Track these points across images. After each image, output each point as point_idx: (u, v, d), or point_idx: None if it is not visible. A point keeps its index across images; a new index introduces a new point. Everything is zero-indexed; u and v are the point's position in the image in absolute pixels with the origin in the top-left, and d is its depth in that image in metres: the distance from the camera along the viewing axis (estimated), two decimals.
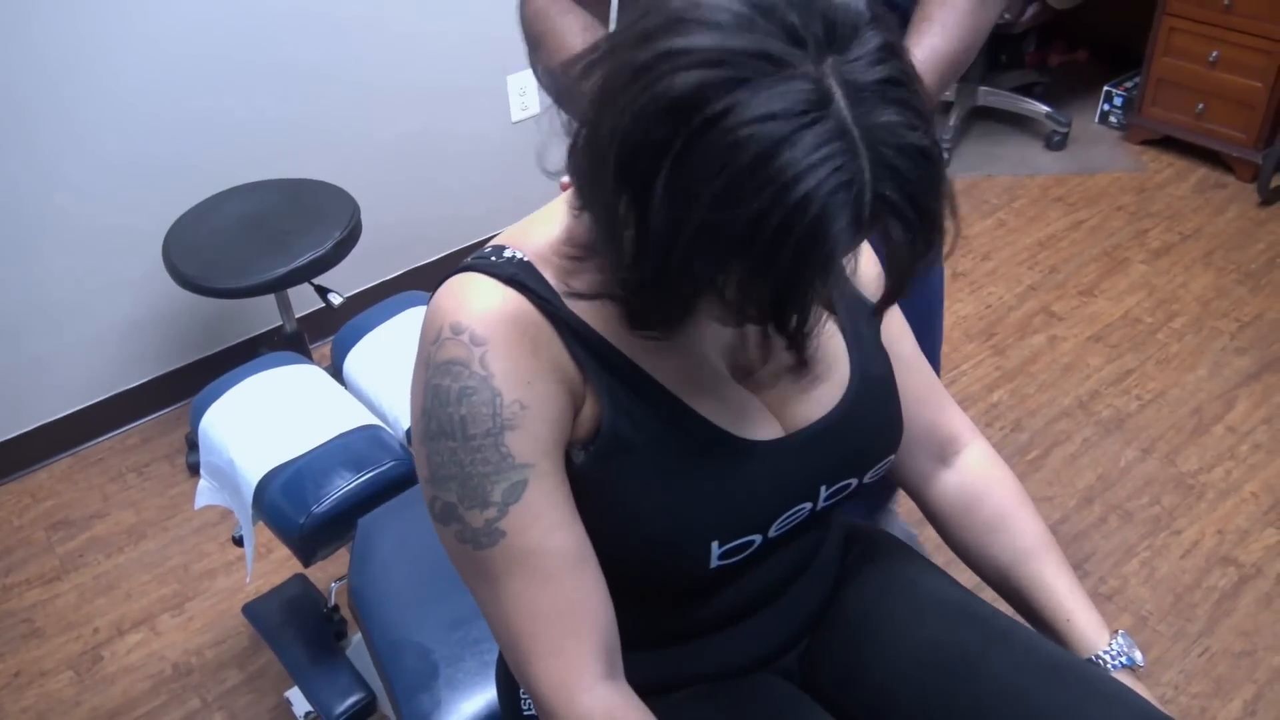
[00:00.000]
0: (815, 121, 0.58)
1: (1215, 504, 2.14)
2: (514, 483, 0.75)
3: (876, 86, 0.61)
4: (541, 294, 0.76)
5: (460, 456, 0.75)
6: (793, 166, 0.58)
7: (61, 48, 2.09)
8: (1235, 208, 3.05)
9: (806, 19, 0.60)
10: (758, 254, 0.60)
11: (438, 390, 0.75)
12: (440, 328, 0.76)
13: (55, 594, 2.14)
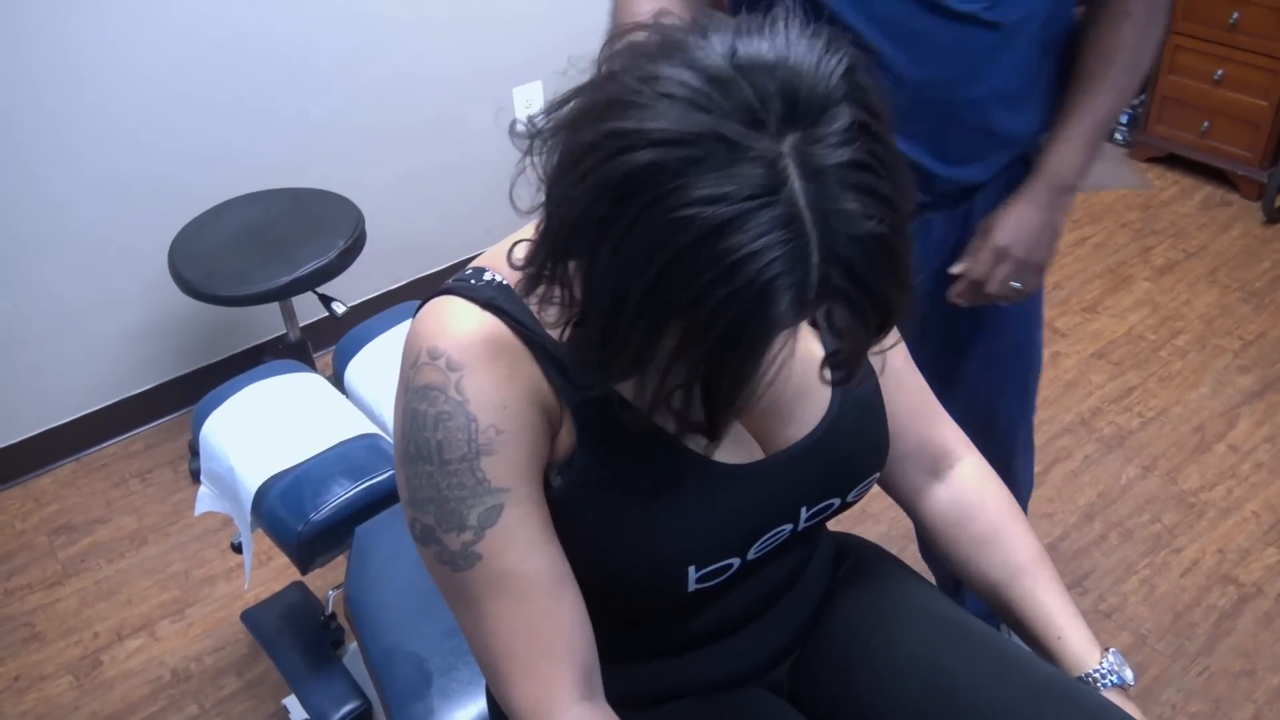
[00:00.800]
0: (765, 206, 0.57)
1: (1216, 522, 2.14)
2: (489, 507, 0.75)
3: (839, 170, 0.58)
4: (519, 318, 0.77)
5: (437, 480, 0.75)
6: (736, 251, 0.56)
7: (68, 58, 2.11)
8: (1240, 226, 3.05)
9: (766, 95, 0.58)
10: (696, 330, 0.60)
11: (415, 414, 0.76)
12: (418, 352, 0.76)
13: (56, 598, 2.15)
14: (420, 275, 2.84)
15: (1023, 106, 1.19)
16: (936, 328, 1.37)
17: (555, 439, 0.79)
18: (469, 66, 2.65)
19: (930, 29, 1.09)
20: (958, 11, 1.07)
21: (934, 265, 1.30)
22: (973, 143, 1.19)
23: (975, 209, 1.25)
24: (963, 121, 1.16)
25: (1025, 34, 1.12)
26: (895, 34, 1.09)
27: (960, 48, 1.10)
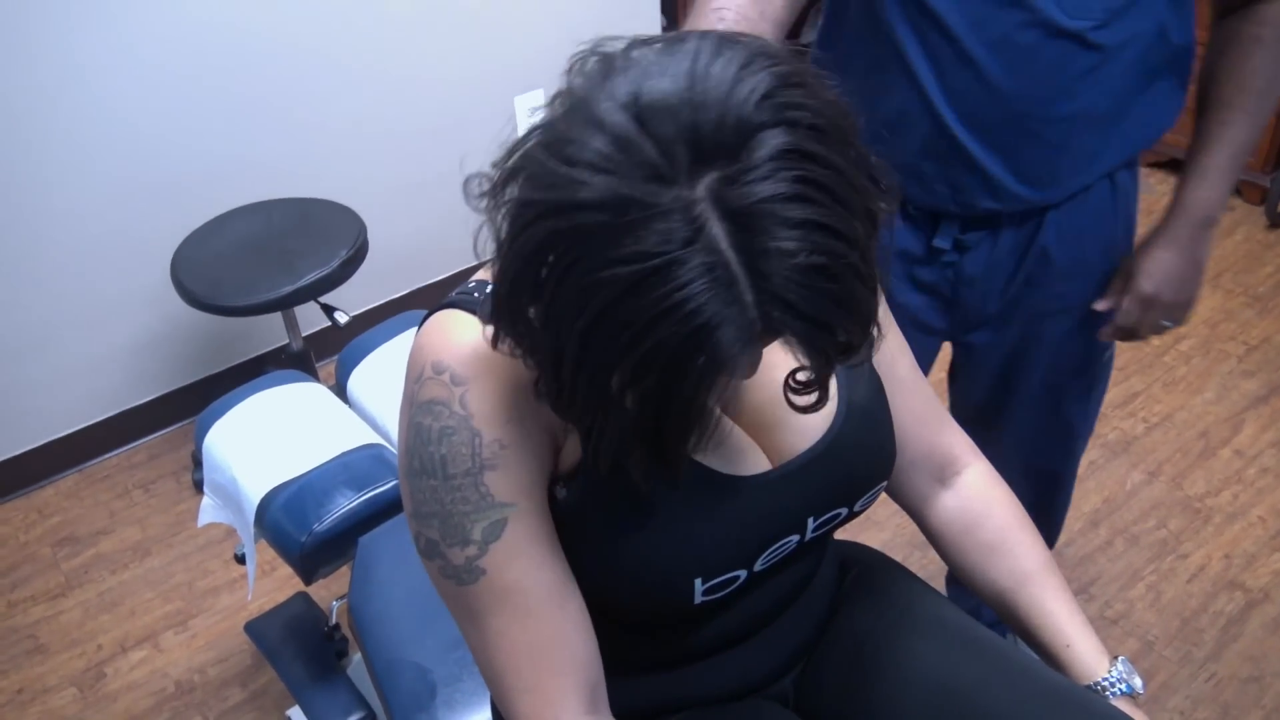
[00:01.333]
0: (684, 257, 0.55)
1: (1222, 528, 2.13)
2: (493, 521, 0.75)
3: (766, 205, 0.56)
4: None
5: (441, 495, 0.75)
6: (658, 305, 0.56)
7: (69, 68, 2.11)
8: (1243, 230, 3.04)
9: (669, 145, 0.56)
10: (633, 383, 0.60)
11: (419, 429, 0.76)
12: (423, 366, 0.76)
13: (59, 610, 2.15)
14: (422, 285, 2.84)
15: (1110, 129, 1.17)
16: (997, 349, 1.37)
17: (560, 452, 0.79)
18: (471, 76, 2.65)
19: (1033, 42, 1.07)
20: (1065, 28, 1.06)
21: (999, 283, 1.28)
22: (1052, 162, 1.17)
23: (1047, 227, 1.23)
24: (1047, 139, 1.14)
25: (1125, 57, 1.11)
26: (996, 43, 1.08)
27: (1059, 64, 1.09)
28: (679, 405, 0.61)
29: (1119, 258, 1.31)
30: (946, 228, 1.25)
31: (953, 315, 1.34)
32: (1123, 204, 1.27)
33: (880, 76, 1.17)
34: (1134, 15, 1.08)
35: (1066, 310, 1.31)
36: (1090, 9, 1.06)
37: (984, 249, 1.25)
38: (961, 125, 1.14)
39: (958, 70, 1.11)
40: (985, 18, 1.07)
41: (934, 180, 1.20)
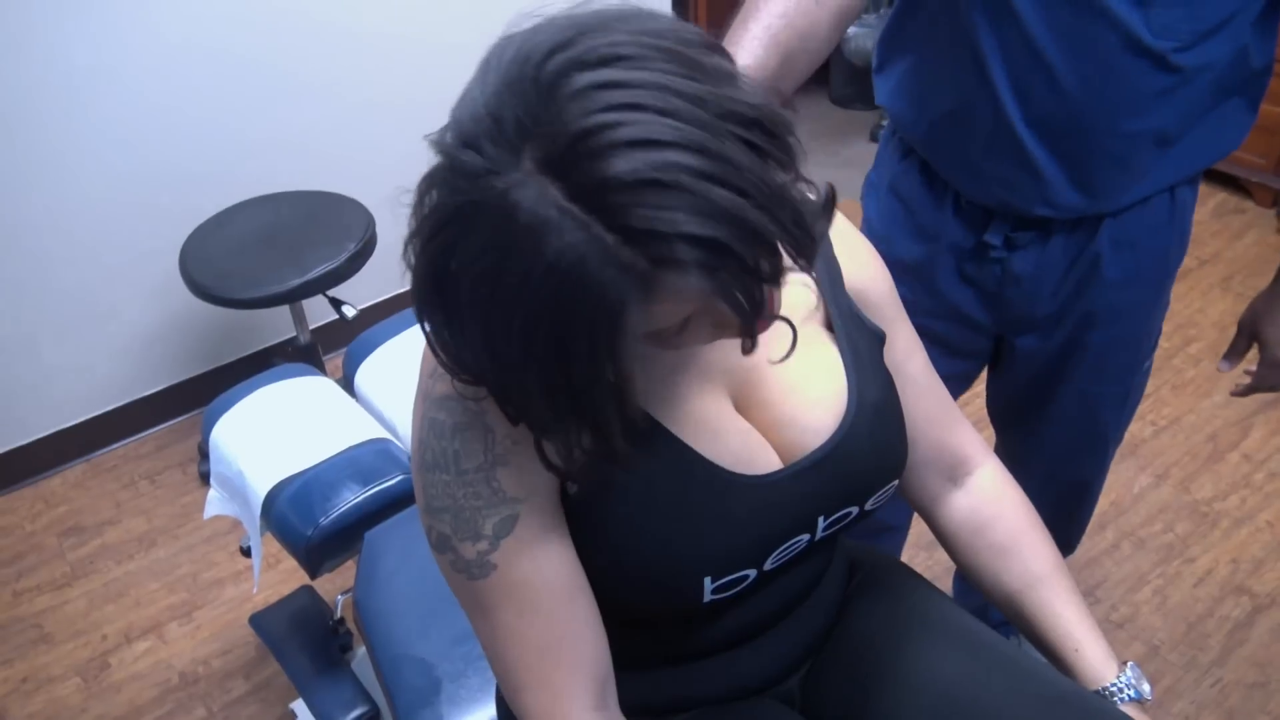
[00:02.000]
0: (537, 232, 0.56)
1: (1229, 532, 2.12)
2: (505, 517, 0.75)
3: (581, 145, 0.55)
4: None
5: (453, 489, 0.75)
6: (532, 274, 0.57)
7: (79, 62, 2.11)
8: (1254, 233, 3.03)
9: (479, 142, 0.59)
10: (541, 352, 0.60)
11: (433, 423, 0.76)
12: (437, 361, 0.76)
13: (65, 600, 2.15)
14: None
15: (1173, 149, 1.16)
16: (1039, 352, 1.36)
17: None
18: None
19: (1113, 56, 1.06)
20: (1149, 47, 1.05)
21: (1048, 286, 1.27)
22: (1114, 174, 1.16)
23: (1101, 235, 1.22)
24: (1112, 152, 1.13)
25: (1201, 81, 1.09)
26: (1075, 52, 1.07)
27: (1135, 81, 1.08)
28: (587, 371, 0.61)
29: (1172, 270, 1.31)
30: (999, 224, 1.23)
31: (998, 313, 1.32)
32: (1179, 218, 1.25)
33: (950, 67, 1.16)
34: (1219, 39, 1.06)
35: (1114, 319, 1.30)
36: (1178, 31, 1.04)
37: (1034, 249, 1.24)
38: (1027, 127, 1.13)
39: (1031, 72, 1.09)
40: (1068, 25, 1.05)
41: (990, 179, 1.19)
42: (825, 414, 0.85)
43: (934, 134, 1.23)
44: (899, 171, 1.31)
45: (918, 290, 1.31)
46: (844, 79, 3.89)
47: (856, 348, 0.88)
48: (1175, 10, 1.03)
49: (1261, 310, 1.29)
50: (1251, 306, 1.31)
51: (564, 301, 0.57)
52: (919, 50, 1.23)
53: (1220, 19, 1.05)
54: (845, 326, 0.89)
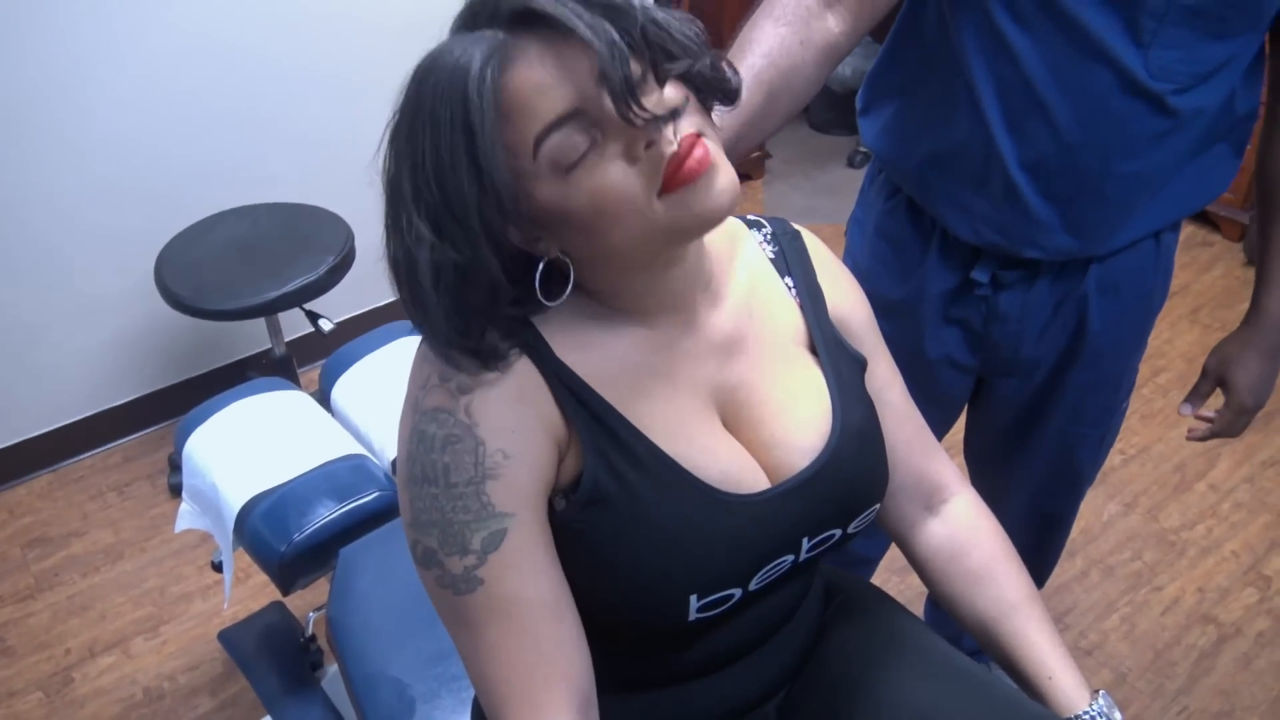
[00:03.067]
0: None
1: (1196, 561, 2.15)
2: (493, 531, 0.75)
3: None
4: (529, 341, 0.77)
5: (442, 503, 0.75)
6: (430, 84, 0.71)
7: (59, 69, 2.10)
8: (1221, 266, 3.08)
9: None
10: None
11: (423, 436, 0.76)
12: (429, 374, 0.76)
13: (28, 612, 2.12)
14: None
15: (1165, 191, 1.16)
16: (1019, 393, 1.37)
17: (561, 464, 0.79)
18: None
19: (1109, 97, 1.06)
20: (1147, 89, 1.05)
21: (1033, 327, 1.27)
22: (1105, 217, 1.16)
23: (1089, 278, 1.23)
24: (1104, 194, 1.13)
25: (1195, 125, 1.10)
26: (1072, 92, 1.07)
27: (1131, 123, 1.08)
28: (472, 174, 0.68)
29: (1154, 313, 1.32)
30: (986, 262, 1.24)
31: (984, 353, 1.33)
32: (1164, 262, 1.27)
33: (942, 108, 1.16)
34: (1214, 83, 1.07)
35: (1095, 361, 1.31)
36: (1176, 73, 1.05)
37: (1021, 289, 1.25)
38: (1020, 168, 1.13)
39: (1027, 112, 1.09)
40: (1066, 65, 1.06)
41: (980, 219, 1.19)
42: (812, 434, 0.86)
43: (923, 174, 1.24)
44: (885, 211, 1.32)
45: (903, 329, 1.32)
46: (823, 105, 3.93)
47: (840, 371, 0.90)
48: (1174, 52, 1.03)
49: (1230, 355, 1.29)
50: (1218, 350, 1.31)
51: (441, 93, 0.69)
52: (909, 91, 1.23)
53: (1217, 63, 1.05)
54: (829, 350, 0.91)
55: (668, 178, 0.69)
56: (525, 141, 0.69)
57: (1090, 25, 1.03)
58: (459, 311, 0.72)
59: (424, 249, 0.70)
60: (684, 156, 0.69)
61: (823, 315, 0.92)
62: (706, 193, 0.71)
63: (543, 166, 0.69)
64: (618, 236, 0.71)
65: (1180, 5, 1.01)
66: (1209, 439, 1.36)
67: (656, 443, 0.79)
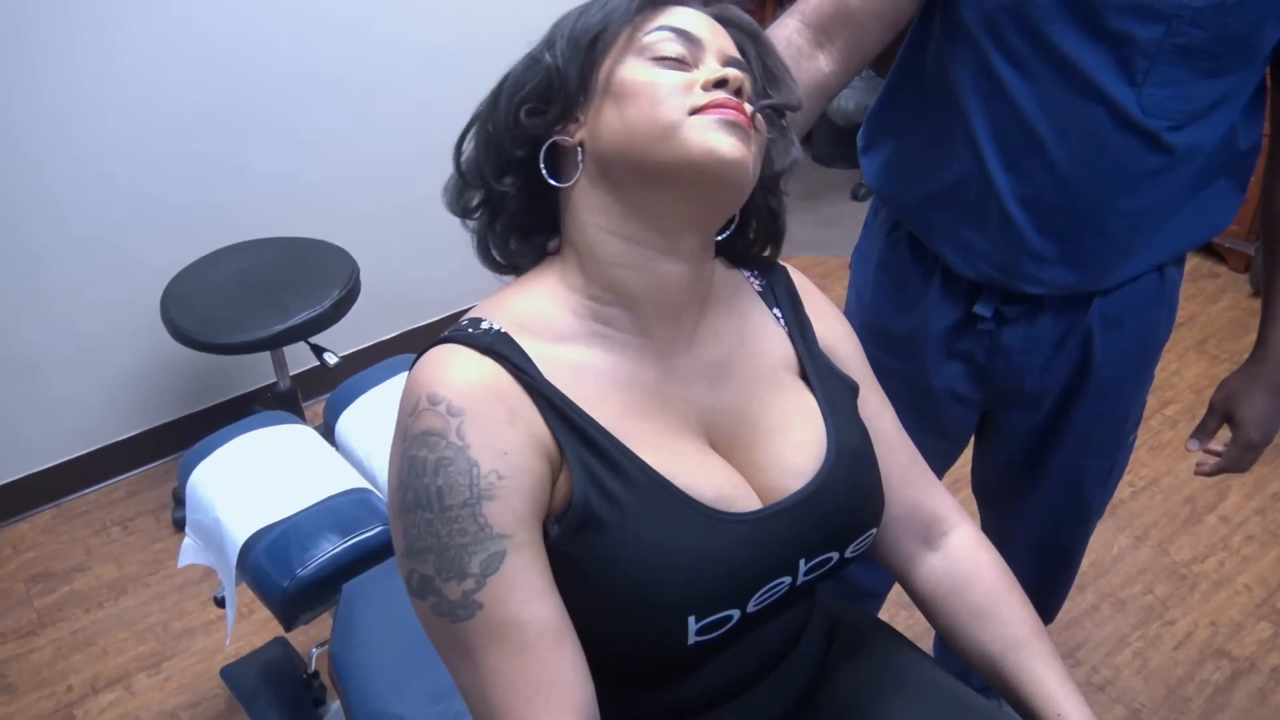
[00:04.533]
0: None
1: (1208, 595, 2.12)
2: (492, 554, 0.74)
3: None
4: (519, 364, 0.77)
5: (437, 528, 0.74)
6: None
7: (64, 104, 2.12)
8: (1228, 298, 3.08)
9: None
10: None
11: (414, 461, 0.75)
12: (418, 399, 0.76)
13: (30, 649, 2.11)
14: (413, 327, 2.84)
15: (1164, 228, 1.16)
16: (1025, 426, 1.36)
17: (554, 487, 0.78)
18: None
19: (1105, 135, 1.06)
20: (1141, 126, 1.05)
21: (1037, 361, 1.27)
22: (1105, 252, 1.16)
23: (1092, 312, 1.23)
24: (1103, 230, 1.13)
25: (1193, 163, 1.10)
26: (1067, 131, 1.07)
27: (1127, 160, 1.08)
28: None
29: (1159, 346, 1.32)
30: (989, 297, 1.24)
31: (987, 387, 1.32)
32: (1168, 295, 1.27)
33: (943, 143, 1.16)
34: (1211, 120, 1.07)
35: (1101, 395, 1.30)
36: (1169, 111, 1.05)
37: (1024, 323, 1.25)
38: (1018, 205, 1.13)
39: (1023, 149, 1.10)
40: (1060, 103, 1.06)
41: (980, 256, 1.19)
42: (805, 458, 0.86)
43: (924, 211, 1.24)
44: (887, 245, 1.32)
45: (907, 362, 1.32)
46: (826, 139, 3.95)
47: (832, 396, 0.91)
48: (1168, 89, 1.04)
49: (1236, 391, 1.29)
50: (1224, 386, 1.31)
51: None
52: (908, 129, 1.24)
53: (1212, 100, 1.05)
54: (820, 376, 0.92)
55: (711, 102, 0.77)
56: (649, 26, 0.81)
57: (1083, 64, 1.03)
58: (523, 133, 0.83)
59: (530, 58, 0.84)
60: (729, 105, 0.77)
61: (812, 344, 0.94)
62: (731, 140, 0.77)
63: (642, 45, 0.80)
64: (647, 123, 0.77)
65: (1172, 44, 1.01)
66: (1217, 474, 1.35)
67: (646, 460, 0.79)
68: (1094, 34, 1.02)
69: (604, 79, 0.80)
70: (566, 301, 0.83)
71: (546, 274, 0.85)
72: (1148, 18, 1.00)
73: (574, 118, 0.82)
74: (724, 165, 0.76)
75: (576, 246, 0.83)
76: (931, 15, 1.15)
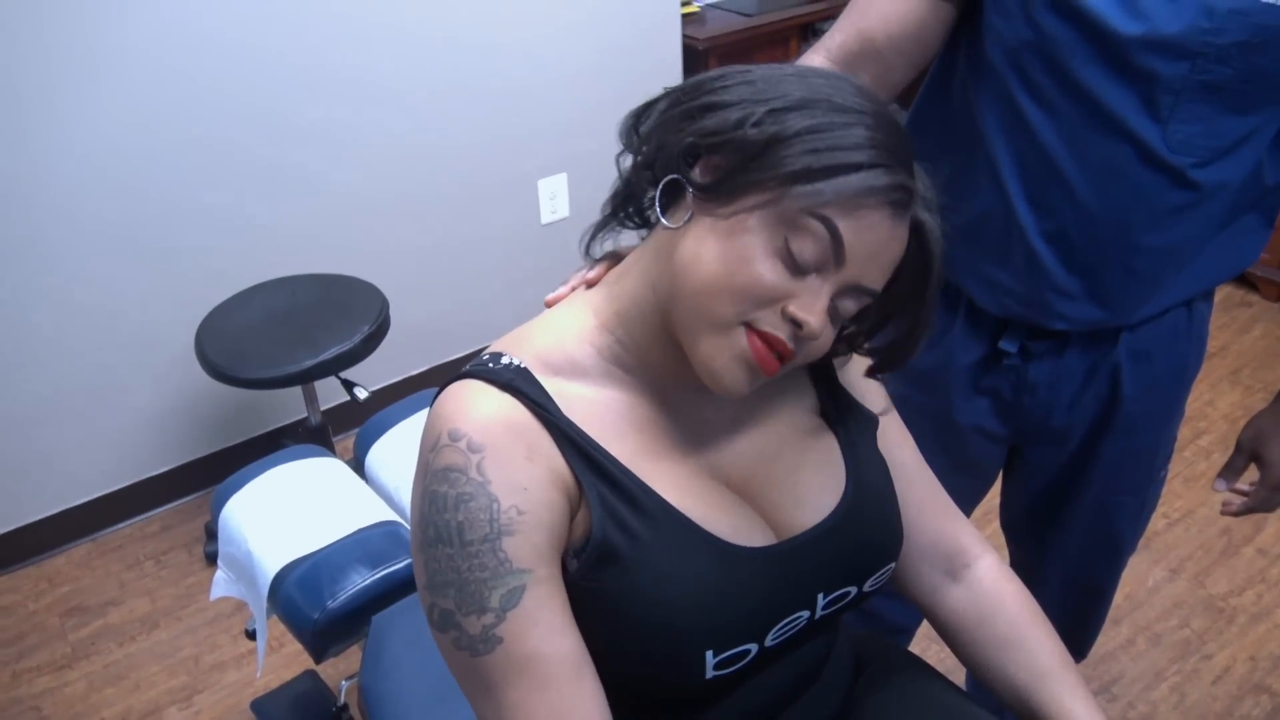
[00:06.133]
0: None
1: (1247, 629, 2.09)
2: (511, 588, 0.75)
3: None
4: (538, 400, 0.78)
5: (458, 563, 0.75)
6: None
7: (97, 143, 2.17)
8: (1261, 326, 3.04)
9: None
10: None
11: (435, 497, 0.76)
12: (439, 435, 0.77)
13: (65, 682, 2.13)
14: (443, 361, 2.86)
15: (1193, 263, 1.16)
16: (1053, 463, 1.35)
17: (573, 521, 0.79)
18: (496, 159, 2.70)
19: (1130, 171, 1.06)
20: (1166, 162, 1.04)
21: (1065, 396, 1.26)
22: (1131, 288, 1.15)
23: (1120, 347, 1.22)
24: (1129, 266, 1.13)
25: (1218, 199, 1.10)
26: (1091, 167, 1.07)
27: (1152, 197, 1.07)
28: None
29: (1189, 381, 1.30)
30: (1014, 332, 1.23)
31: (1014, 423, 1.31)
32: (1197, 330, 1.25)
33: (967, 176, 1.16)
34: (1237, 156, 1.06)
35: (1131, 430, 1.28)
36: (1195, 147, 1.04)
37: (1050, 359, 1.24)
38: (1042, 240, 1.13)
39: (1046, 185, 1.10)
40: (1084, 139, 1.06)
41: (1004, 291, 1.19)
42: (823, 494, 0.86)
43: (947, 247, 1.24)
44: None
45: (933, 397, 1.31)
46: None
47: (851, 431, 0.91)
48: (1193, 126, 1.03)
49: (1265, 430, 1.27)
50: (1253, 424, 1.29)
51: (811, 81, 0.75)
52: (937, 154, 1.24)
53: (1238, 136, 1.05)
54: (839, 411, 0.92)
55: (766, 335, 0.74)
56: (804, 200, 0.72)
57: (1107, 100, 1.03)
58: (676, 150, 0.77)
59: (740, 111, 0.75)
60: (776, 346, 0.75)
61: (832, 380, 0.94)
62: (737, 380, 0.76)
63: (794, 215, 0.72)
64: (703, 290, 0.75)
65: (1197, 81, 1.00)
66: (1245, 514, 1.32)
67: (664, 496, 0.79)
68: (1118, 71, 1.01)
69: (746, 203, 0.73)
70: (593, 339, 0.84)
71: (573, 313, 0.86)
72: (1173, 55, 0.99)
73: (705, 186, 0.76)
74: (718, 390, 0.77)
75: (627, 289, 0.83)
76: (956, 51, 1.16)
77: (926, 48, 1.10)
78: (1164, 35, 0.98)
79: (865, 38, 1.08)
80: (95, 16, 2.04)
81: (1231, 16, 0.96)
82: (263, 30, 2.25)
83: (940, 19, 1.09)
